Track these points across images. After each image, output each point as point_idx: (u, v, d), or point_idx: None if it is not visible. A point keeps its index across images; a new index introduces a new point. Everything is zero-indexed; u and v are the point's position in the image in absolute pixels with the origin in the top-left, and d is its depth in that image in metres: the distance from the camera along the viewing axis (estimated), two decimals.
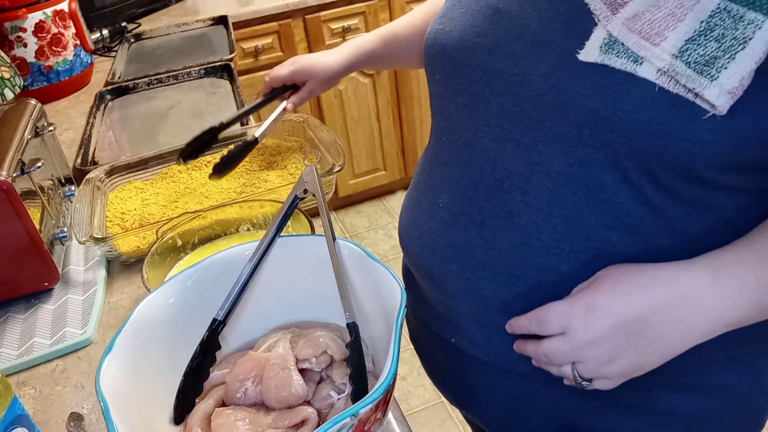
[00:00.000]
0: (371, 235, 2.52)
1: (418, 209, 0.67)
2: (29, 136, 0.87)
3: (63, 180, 1.00)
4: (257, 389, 0.57)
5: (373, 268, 0.57)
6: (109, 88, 1.50)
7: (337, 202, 2.64)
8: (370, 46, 0.96)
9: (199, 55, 1.68)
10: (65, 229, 0.88)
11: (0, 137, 0.84)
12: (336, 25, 2.21)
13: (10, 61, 1.22)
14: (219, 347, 0.59)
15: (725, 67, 0.44)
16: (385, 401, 0.48)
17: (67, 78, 1.52)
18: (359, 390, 0.54)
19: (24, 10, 1.41)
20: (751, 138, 0.46)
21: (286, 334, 0.61)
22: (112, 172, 1.01)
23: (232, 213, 0.83)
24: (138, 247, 0.86)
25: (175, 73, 1.53)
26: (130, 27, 1.97)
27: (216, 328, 0.59)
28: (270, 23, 2.12)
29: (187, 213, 0.84)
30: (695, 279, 0.50)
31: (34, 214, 0.79)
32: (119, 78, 1.59)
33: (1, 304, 0.82)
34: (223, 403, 0.58)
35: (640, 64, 0.47)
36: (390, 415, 0.61)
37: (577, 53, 0.50)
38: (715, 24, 0.44)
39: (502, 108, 0.56)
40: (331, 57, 0.97)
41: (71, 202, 0.97)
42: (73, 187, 0.99)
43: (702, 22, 0.45)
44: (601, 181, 0.52)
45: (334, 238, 0.60)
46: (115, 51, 1.82)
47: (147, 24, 2.03)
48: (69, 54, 1.51)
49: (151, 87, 1.51)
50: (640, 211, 0.52)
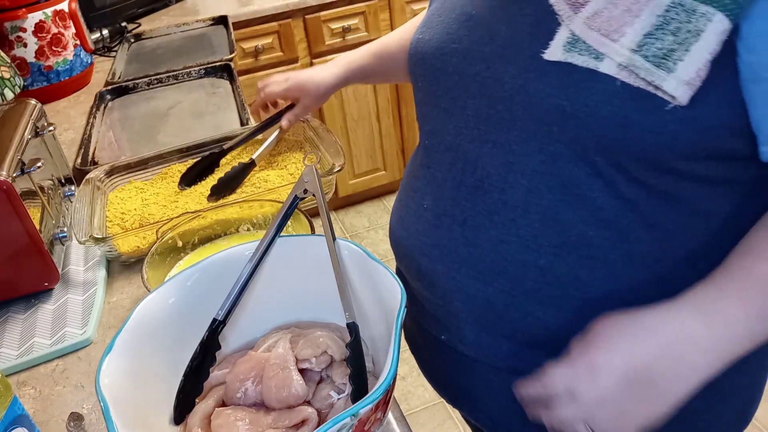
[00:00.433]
0: (371, 235, 2.52)
1: (405, 211, 0.69)
2: (29, 136, 0.87)
3: (63, 180, 1.00)
4: (257, 389, 0.57)
5: (373, 268, 0.57)
6: (109, 88, 1.50)
7: (337, 202, 2.64)
8: (362, 62, 0.98)
9: (199, 55, 1.68)
10: (65, 229, 0.88)
11: (0, 137, 0.84)
12: (336, 25, 2.21)
13: (10, 61, 1.22)
14: (219, 347, 0.59)
15: (681, 60, 0.46)
16: (385, 401, 0.48)
17: (67, 78, 1.52)
18: (359, 390, 0.54)
19: (24, 10, 1.41)
20: (715, 127, 0.48)
21: (286, 334, 0.61)
22: (112, 172, 1.01)
23: (232, 213, 0.83)
24: (138, 247, 0.86)
25: (175, 73, 1.53)
26: (130, 27, 1.97)
27: (216, 328, 0.59)
28: (270, 23, 2.12)
29: (187, 213, 0.84)
30: (685, 322, 0.51)
31: (34, 214, 0.79)
32: (119, 78, 1.59)
33: (1, 304, 0.82)
34: (223, 403, 0.58)
35: (602, 60, 0.49)
36: (390, 415, 0.61)
37: (543, 53, 0.52)
38: (671, 18, 0.46)
39: (477, 111, 0.58)
40: (323, 73, 0.98)
41: (71, 202, 0.97)
42: (73, 187, 0.99)
43: (659, 17, 0.47)
44: (574, 177, 0.53)
45: (334, 238, 0.60)
46: (115, 51, 1.82)
47: (147, 24, 2.03)
48: (69, 54, 1.51)
49: (151, 87, 1.51)
50: (614, 205, 0.53)
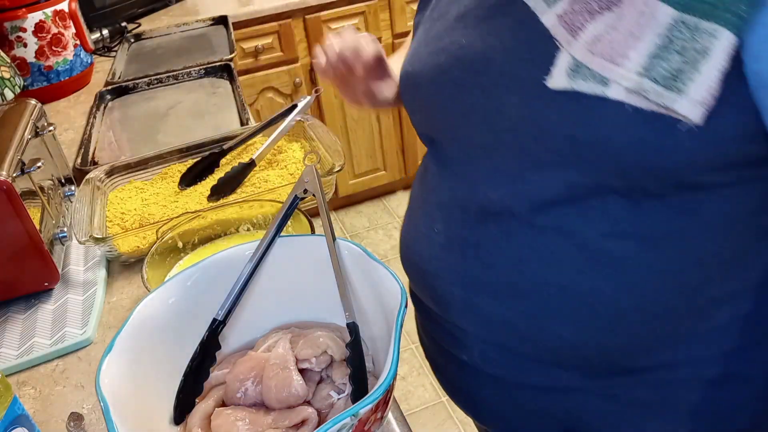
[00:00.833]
0: (371, 235, 2.52)
1: (416, 234, 0.68)
2: (29, 136, 0.87)
3: (63, 180, 1.00)
4: (257, 389, 0.57)
5: (373, 268, 0.57)
6: (109, 88, 1.50)
7: (337, 202, 2.64)
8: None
9: (199, 55, 1.68)
10: (65, 229, 0.88)
11: (0, 137, 0.84)
12: (336, 26, 2.21)
13: (10, 61, 1.22)
14: (219, 347, 0.59)
15: (691, 80, 0.44)
16: (385, 401, 0.48)
17: (67, 78, 1.52)
18: (359, 390, 0.54)
19: (24, 10, 1.41)
20: (733, 137, 0.46)
21: (286, 334, 0.61)
22: (112, 172, 1.01)
23: (232, 213, 0.83)
24: (138, 247, 0.86)
25: (175, 73, 1.53)
26: (130, 27, 1.97)
27: (216, 328, 0.59)
28: (270, 23, 2.12)
29: (187, 213, 0.84)
30: None
31: (34, 214, 0.79)
32: (119, 78, 1.59)
33: (1, 304, 0.82)
34: (223, 403, 0.58)
35: (608, 86, 0.47)
36: (390, 415, 0.61)
37: (545, 80, 0.50)
38: (675, 36, 0.44)
39: (483, 141, 0.57)
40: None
41: (71, 202, 0.97)
42: (73, 187, 0.99)
43: (662, 36, 0.45)
44: (591, 194, 0.52)
45: (334, 238, 0.60)
46: (115, 51, 1.81)
47: (147, 24, 2.03)
48: (69, 54, 1.51)
49: (151, 87, 1.51)
50: (633, 216, 0.52)
